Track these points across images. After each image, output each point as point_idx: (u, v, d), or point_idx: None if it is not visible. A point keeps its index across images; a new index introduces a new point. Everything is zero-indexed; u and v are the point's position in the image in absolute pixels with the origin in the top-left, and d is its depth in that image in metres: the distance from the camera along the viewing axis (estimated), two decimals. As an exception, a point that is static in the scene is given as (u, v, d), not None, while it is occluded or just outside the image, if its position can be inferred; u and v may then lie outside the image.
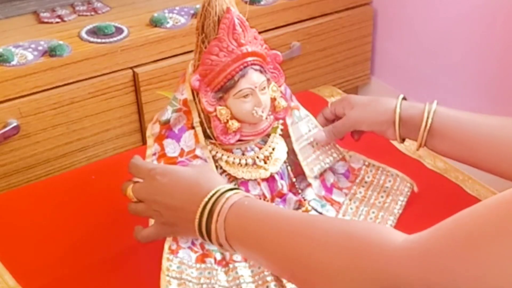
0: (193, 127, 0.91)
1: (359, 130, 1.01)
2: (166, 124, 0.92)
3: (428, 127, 0.94)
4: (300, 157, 0.98)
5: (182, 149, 0.91)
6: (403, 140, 0.99)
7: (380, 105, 0.98)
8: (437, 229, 0.66)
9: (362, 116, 0.99)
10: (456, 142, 0.94)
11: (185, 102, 0.91)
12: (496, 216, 0.59)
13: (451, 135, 0.94)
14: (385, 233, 0.68)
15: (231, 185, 0.80)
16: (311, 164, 0.99)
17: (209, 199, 0.77)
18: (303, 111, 1.02)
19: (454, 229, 0.64)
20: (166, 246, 0.89)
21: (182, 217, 0.79)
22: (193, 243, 0.91)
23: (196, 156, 0.91)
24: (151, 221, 0.88)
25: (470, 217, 0.63)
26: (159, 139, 0.92)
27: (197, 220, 0.77)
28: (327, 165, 1.01)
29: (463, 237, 0.61)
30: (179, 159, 0.91)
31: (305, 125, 1.01)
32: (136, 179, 0.88)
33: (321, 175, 1.01)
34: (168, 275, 0.87)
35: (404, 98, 0.98)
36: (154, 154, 0.92)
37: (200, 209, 0.77)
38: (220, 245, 0.77)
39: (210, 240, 0.77)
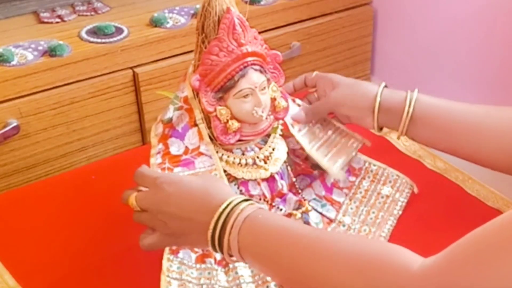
0: (196, 125, 0.91)
1: (339, 113, 1.00)
2: (169, 123, 0.92)
3: (409, 115, 0.93)
4: (318, 157, 0.97)
5: (186, 147, 0.91)
6: (380, 129, 0.98)
7: (361, 89, 0.97)
8: (450, 252, 0.66)
9: (343, 98, 0.97)
10: (437, 130, 0.93)
11: (186, 100, 0.91)
12: (507, 231, 0.59)
13: (433, 123, 0.93)
14: (401, 257, 0.67)
15: (244, 196, 0.78)
16: (332, 160, 0.98)
17: (223, 210, 0.74)
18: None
19: (467, 250, 0.64)
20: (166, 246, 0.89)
21: (191, 228, 0.77)
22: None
23: (200, 153, 0.91)
24: None
25: (481, 235, 0.63)
26: (163, 138, 0.92)
27: (210, 232, 0.74)
28: (351, 156, 1.01)
29: (476, 255, 0.61)
30: (184, 157, 0.91)
31: (318, 124, 1.01)
32: (140, 188, 0.85)
33: (321, 175, 1.01)
34: (168, 276, 0.87)
35: (385, 86, 0.97)
36: (158, 152, 0.92)
37: (214, 220, 0.74)
38: (231, 256, 0.75)
39: (221, 251, 0.75)
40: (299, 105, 1.01)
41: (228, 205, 0.75)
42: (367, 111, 0.96)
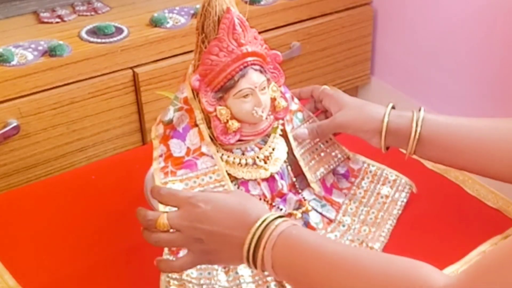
0: (196, 125, 0.91)
1: (345, 133, 1.01)
2: (169, 124, 0.92)
3: (417, 136, 0.93)
4: (301, 163, 0.98)
5: (188, 147, 0.91)
6: (387, 149, 0.98)
7: (367, 112, 0.97)
8: (473, 269, 0.67)
9: (349, 121, 0.97)
10: (445, 149, 0.93)
11: (186, 101, 0.91)
12: None
13: (440, 142, 0.93)
14: (425, 276, 0.68)
15: (279, 213, 0.80)
16: (313, 168, 0.99)
17: (259, 226, 0.76)
18: (307, 113, 1.02)
19: (489, 267, 0.64)
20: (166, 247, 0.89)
21: (228, 243, 0.78)
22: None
23: (202, 154, 0.91)
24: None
25: (503, 252, 0.63)
26: (164, 140, 0.92)
27: (246, 246, 0.76)
28: (332, 167, 1.01)
29: (499, 272, 0.62)
30: (186, 158, 0.91)
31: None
32: (163, 208, 0.86)
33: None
34: (168, 276, 0.87)
35: (392, 107, 0.97)
36: (161, 155, 0.92)
37: (250, 236, 0.76)
38: (263, 270, 0.77)
39: (255, 266, 0.77)
40: (296, 103, 1.01)
41: (263, 221, 0.76)
42: (374, 133, 0.96)
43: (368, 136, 0.97)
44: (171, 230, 0.81)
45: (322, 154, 1.01)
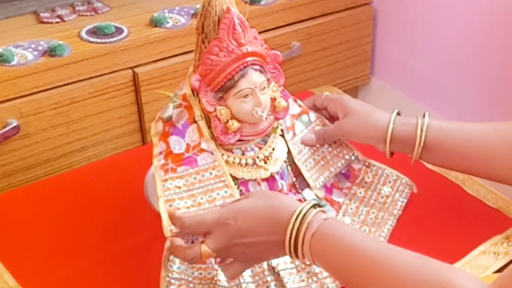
0: (195, 121, 0.91)
1: (350, 139, 1.01)
2: (169, 121, 0.92)
3: (422, 143, 0.94)
4: (303, 170, 0.98)
5: (187, 144, 0.91)
6: (392, 155, 0.98)
7: (373, 120, 0.97)
8: (507, 277, 0.67)
9: (355, 127, 0.98)
10: (450, 154, 0.94)
11: (184, 97, 0.91)
12: None
13: (445, 148, 0.94)
14: (459, 283, 0.68)
15: (304, 204, 0.79)
16: (315, 175, 0.99)
17: (293, 224, 0.77)
18: (313, 115, 1.02)
19: None
20: (166, 247, 0.89)
21: (270, 247, 0.80)
22: (193, 243, 0.91)
23: (202, 150, 0.91)
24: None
25: None
26: (164, 137, 0.92)
27: (287, 248, 0.78)
28: (334, 172, 1.01)
29: None
30: (186, 154, 0.91)
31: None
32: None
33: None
34: (168, 276, 0.87)
35: (398, 113, 0.97)
36: (161, 153, 0.92)
37: (287, 238, 0.77)
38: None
39: (301, 258, 0.79)
40: (300, 105, 1.01)
41: (296, 218, 0.77)
42: (380, 141, 0.97)
43: (374, 143, 0.98)
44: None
45: (324, 161, 1.01)
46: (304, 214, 0.77)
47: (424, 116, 0.95)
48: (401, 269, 0.71)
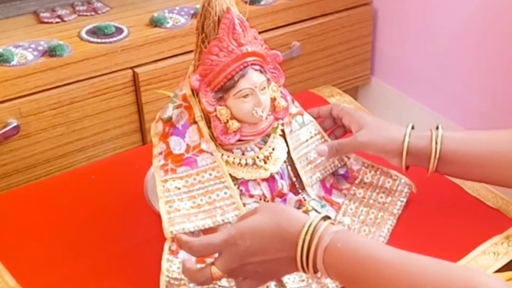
0: (195, 122, 0.91)
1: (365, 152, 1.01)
2: (168, 122, 0.92)
3: (437, 156, 0.94)
4: (297, 166, 0.98)
5: (187, 144, 0.91)
6: (407, 168, 0.98)
7: (388, 133, 0.98)
8: None
9: (370, 141, 0.98)
10: (466, 165, 0.94)
11: (184, 98, 0.91)
12: None
13: (461, 159, 0.94)
14: (486, 285, 0.67)
15: (313, 218, 0.77)
16: (309, 172, 0.99)
17: (303, 242, 0.75)
18: (307, 117, 1.02)
19: None
20: (166, 247, 0.89)
21: (282, 264, 0.79)
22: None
23: (202, 151, 0.91)
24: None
25: None
26: (164, 137, 0.92)
27: (299, 264, 0.77)
28: (328, 172, 1.01)
29: None
30: (186, 155, 0.91)
31: (306, 132, 1.01)
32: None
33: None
34: (168, 276, 0.87)
35: (412, 127, 0.98)
36: (161, 153, 0.92)
37: (299, 254, 0.76)
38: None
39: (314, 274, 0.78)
40: (297, 106, 1.01)
41: (306, 233, 0.76)
42: (395, 154, 0.97)
43: (389, 156, 0.98)
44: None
45: (319, 159, 1.01)
46: (314, 228, 0.76)
47: (437, 128, 0.96)
48: (422, 277, 0.70)
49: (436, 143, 0.94)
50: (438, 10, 1.67)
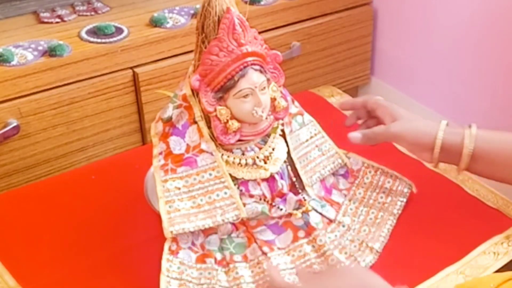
0: (195, 122, 0.91)
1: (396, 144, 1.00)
2: (168, 122, 0.92)
3: (470, 153, 0.93)
4: (297, 166, 0.98)
5: (187, 144, 0.91)
6: (437, 164, 0.98)
7: (422, 126, 0.97)
8: None
9: (403, 132, 0.97)
10: (498, 165, 0.94)
11: (184, 98, 0.91)
12: None
13: (493, 158, 0.94)
14: None
15: None
16: (310, 172, 0.99)
17: None
18: (307, 117, 1.02)
19: None
20: (166, 247, 0.89)
21: None
22: (193, 243, 0.91)
23: (202, 151, 0.91)
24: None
25: None
26: (164, 137, 0.92)
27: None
28: (328, 172, 1.01)
29: None
30: (186, 155, 0.91)
31: (306, 132, 1.01)
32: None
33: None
34: (168, 276, 0.87)
35: (447, 124, 0.97)
36: (160, 153, 0.92)
37: None
38: None
39: None
40: (297, 106, 1.01)
41: None
42: (426, 148, 0.96)
43: (420, 149, 0.97)
44: None
45: (319, 159, 1.01)
46: None
47: (470, 126, 0.95)
48: None
49: (470, 140, 0.93)
50: (438, 10, 1.67)
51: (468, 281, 0.88)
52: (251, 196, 0.93)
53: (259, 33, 0.91)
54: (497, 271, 0.91)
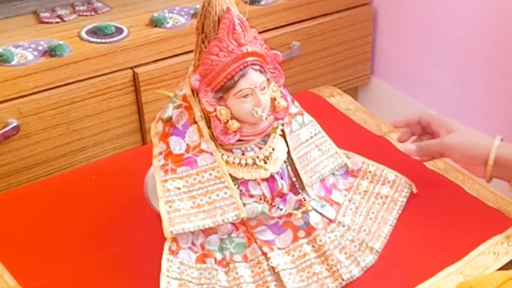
0: (195, 122, 0.91)
1: (450, 157, 1.00)
2: (168, 122, 0.92)
3: None
4: (297, 166, 0.98)
5: (187, 144, 0.91)
6: (490, 179, 0.98)
7: (476, 139, 0.97)
8: None
9: (458, 144, 0.97)
10: None
11: (185, 98, 0.91)
12: None
13: None
14: None
15: None
16: (309, 172, 0.99)
17: None
18: (307, 117, 1.02)
19: None
20: (166, 247, 0.89)
21: None
22: (193, 243, 0.91)
23: (202, 151, 0.91)
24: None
25: None
26: (164, 137, 0.92)
27: None
28: (328, 172, 1.01)
29: None
30: (186, 155, 0.91)
31: (306, 132, 1.01)
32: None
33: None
34: (168, 276, 0.87)
35: (501, 139, 0.97)
36: (161, 153, 0.92)
37: None
38: None
39: None
40: (297, 106, 1.01)
41: None
42: (480, 162, 0.96)
43: (473, 162, 0.97)
44: None
45: (319, 159, 1.01)
46: None
47: None
48: None
49: None
50: (438, 10, 1.67)
51: (471, 279, 0.88)
52: (251, 196, 0.93)
53: (259, 33, 0.91)
54: (497, 271, 0.91)
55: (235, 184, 0.92)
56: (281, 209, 0.94)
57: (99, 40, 1.44)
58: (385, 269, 0.91)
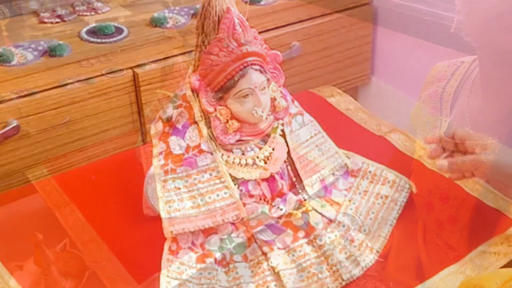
0: (195, 122, 0.91)
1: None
2: (168, 121, 0.92)
3: None
4: (297, 166, 0.98)
5: (187, 144, 0.91)
6: None
7: (511, 157, 0.95)
8: None
9: (494, 162, 0.95)
10: None
11: (185, 98, 0.91)
12: None
13: None
14: None
15: None
16: (310, 172, 0.99)
17: None
18: (307, 117, 1.02)
19: None
20: (166, 247, 0.89)
21: None
22: (193, 243, 0.91)
23: (202, 151, 0.91)
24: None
25: None
26: (164, 137, 0.92)
27: None
28: (327, 173, 1.01)
29: None
30: (186, 155, 0.91)
31: (306, 132, 1.01)
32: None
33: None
34: (168, 276, 0.87)
35: None
36: (161, 153, 0.92)
37: None
38: None
39: None
40: (297, 106, 1.01)
41: None
42: None
43: (507, 181, 0.96)
44: None
45: (319, 159, 1.01)
46: None
47: None
48: None
49: None
50: (438, 10, 1.67)
51: (474, 277, 0.88)
52: (251, 196, 0.93)
53: (259, 33, 0.91)
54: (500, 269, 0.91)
55: (235, 184, 0.92)
56: (281, 209, 0.94)
57: (99, 40, 1.44)
58: (385, 269, 0.91)
